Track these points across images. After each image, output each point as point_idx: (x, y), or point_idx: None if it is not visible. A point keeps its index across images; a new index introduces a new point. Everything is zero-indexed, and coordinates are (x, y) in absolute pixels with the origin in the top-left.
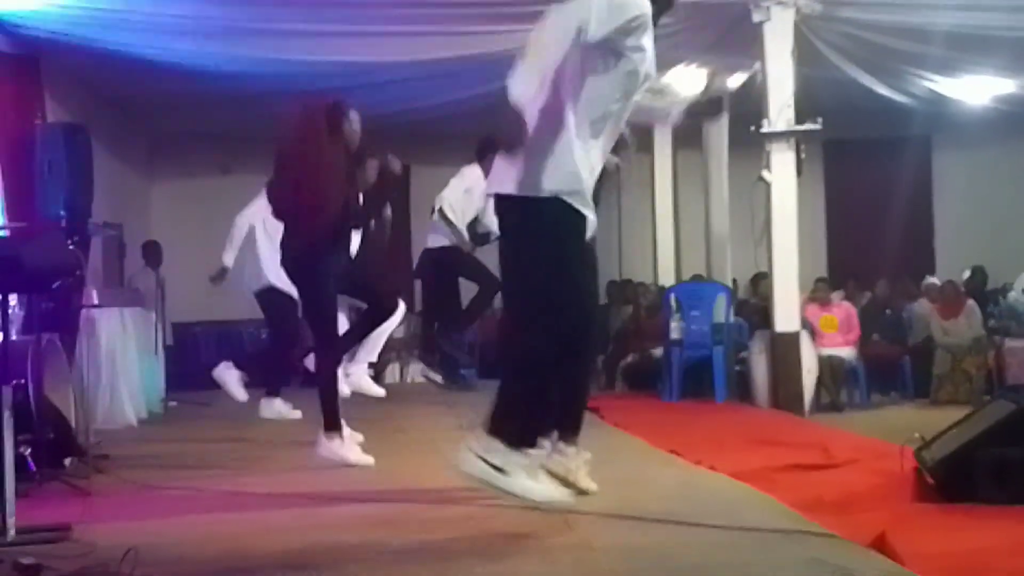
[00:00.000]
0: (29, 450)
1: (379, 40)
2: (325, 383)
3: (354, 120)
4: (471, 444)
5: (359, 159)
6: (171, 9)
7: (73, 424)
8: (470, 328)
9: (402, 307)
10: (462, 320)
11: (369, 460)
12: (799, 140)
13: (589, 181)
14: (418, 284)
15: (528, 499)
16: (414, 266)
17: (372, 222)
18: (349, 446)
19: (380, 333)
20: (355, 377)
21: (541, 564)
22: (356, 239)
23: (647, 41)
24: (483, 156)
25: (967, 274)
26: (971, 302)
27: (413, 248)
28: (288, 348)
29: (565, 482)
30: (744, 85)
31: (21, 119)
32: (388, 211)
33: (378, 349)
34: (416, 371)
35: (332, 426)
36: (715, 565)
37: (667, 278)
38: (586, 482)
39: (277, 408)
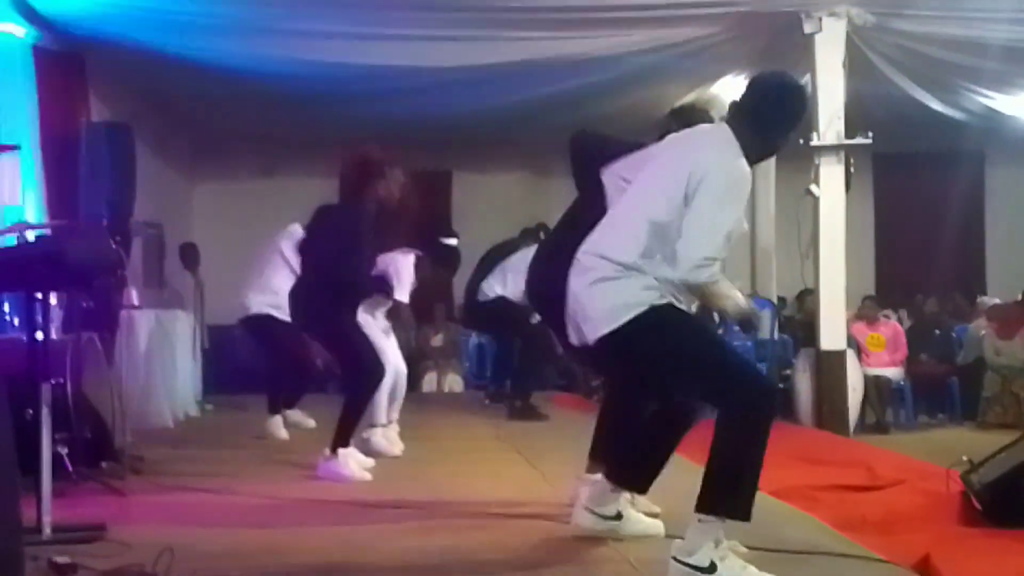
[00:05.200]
0: (66, 449)
1: (421, 44)
2: (354, 410)
3: (395, 177)
4: (675, 554)
5: (395, 218)
6: (216, 8)
7: (110, 424)
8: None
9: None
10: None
11: (366, 475)
12: (848, 153)
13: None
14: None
15: None
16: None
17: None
18: (345, 462)
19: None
20: (373, 441)
21: None
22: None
23: None
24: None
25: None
26: None
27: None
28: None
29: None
30: None
31: (66, 117)
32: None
33: (384, 410)
34: (453, 381)
35: (336, 446)
36: None
37: None
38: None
39: (292, 420)
